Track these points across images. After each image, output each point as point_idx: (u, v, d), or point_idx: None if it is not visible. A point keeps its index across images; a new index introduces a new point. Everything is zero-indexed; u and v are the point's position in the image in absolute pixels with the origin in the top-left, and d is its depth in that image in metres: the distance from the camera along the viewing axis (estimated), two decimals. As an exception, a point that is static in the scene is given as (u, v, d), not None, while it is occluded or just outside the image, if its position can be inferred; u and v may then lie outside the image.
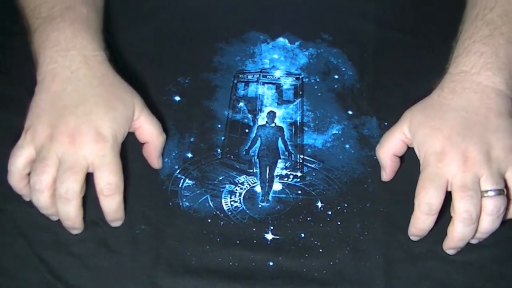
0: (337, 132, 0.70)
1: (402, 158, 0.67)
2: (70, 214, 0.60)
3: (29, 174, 0.61)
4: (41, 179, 0.59)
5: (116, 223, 0.62)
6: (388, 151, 0.65)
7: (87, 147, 0.60)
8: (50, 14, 0.67)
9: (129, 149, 0.68)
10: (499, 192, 0.59)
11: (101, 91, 0.64)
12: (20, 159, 0.61)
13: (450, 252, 0.61)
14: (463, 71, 0.65)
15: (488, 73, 0.64)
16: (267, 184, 0.66)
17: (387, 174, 0.66)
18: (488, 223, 0.59)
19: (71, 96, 0.63)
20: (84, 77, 0.64)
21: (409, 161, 0.67)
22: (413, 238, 0.62)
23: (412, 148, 0.65)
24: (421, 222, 0.60)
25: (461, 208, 0.58)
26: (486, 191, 0.58)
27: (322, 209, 0.65)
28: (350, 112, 0.72)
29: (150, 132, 0.66)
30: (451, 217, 0.59)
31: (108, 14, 0.74)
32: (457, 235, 0.59)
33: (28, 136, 0.61)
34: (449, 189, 0.60)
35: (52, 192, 0.60)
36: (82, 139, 0.60)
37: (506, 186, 0.60)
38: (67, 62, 0.64)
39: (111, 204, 0.61)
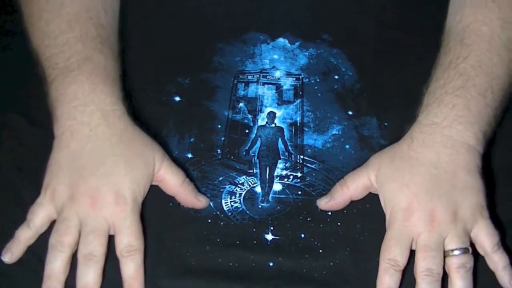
0: (337, 132, 0.70)
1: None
2: (90, 279, 0.58)
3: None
4: (63, 240, 0.59)
5: None
6: (347, 193, 0.64)
7: (108, 210, 0.60)
8: (67, 65, 0.65)
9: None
10: (464, 250, 0.59)
11: (121, 149, 0.62)
12: (40, 217, 0.61)
13: None
14: (434, 122, 0.64)
15: (460, 127, 0.63)
16: (267, 185, 0.66)
17: (327, 205, 0.64)
18: (459, 280, 0.58)
19: (90, 155, 0.62)
20: (103, 134, 0.62)
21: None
22: None
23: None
24: (387, 279, 0.59)
25: (422, 267, 0.58)
26: (452, 250, 0.59)
27: (322, 209, 0.65)
28: (350, 113, 0.72)
29: (172, 183, 0.64)
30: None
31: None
32: None
33: (48, 195, 0.61)
34: (413, 247, 0.60)
35: (70, 255, 0.59)
36: (103, 202, 0.60)
37: (471, 243, 0.60)
38: (86, 119, 0.63)
39: (130, 266, 0.59)
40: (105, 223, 0.60)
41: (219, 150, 0.69)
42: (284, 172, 0.67)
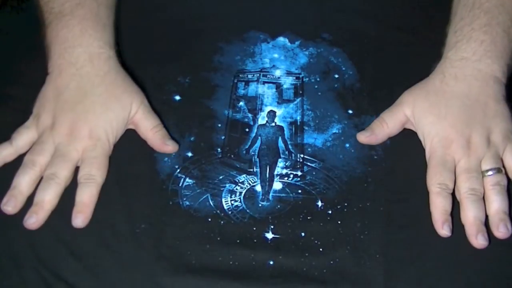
0: (337, 131, 0.70)
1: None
2: (45, 197, 0.63)
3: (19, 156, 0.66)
4: (36, 159, 0.65)
5: (78, 219, 0.62)
6: (386, 130, 0.69)
7: (80, 142, 0.65)
8: (61, 10, 0.71)
9: (129, 149, 0.68)
10: (498, 170, 0.65)
11: (101, 91, 0.68)
12: (23, 137, 0.67)
13: (481, 241, 0.61)
14: (464, 57, 0.69)
15: (488, 61, 0.69)
16: (267, 183, 0.66)
17: (367, 139, 0.69)
18: (495, 195, 0.63)
19: (73, 92, 0.67)
20: (87, 74, 0.68)
21: (409, 161, 0.68)
22: (444, 231, 0.62)
23: (412, 150, 0.68)
24: (442, 204, 0.63)
25: (467, 187, 0.64)
26: (487, 171, 0.65)
27: (322, 208, 0.64)
28: (350, 111, 0.72)
29: (144, 128, 0.68)
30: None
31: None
32: (471, 215, 0.62)
33: (34, 121, 0.67)
34: None
35: (39, 175, 0.64)
36: (78, 134, 0.65)
37: (504, 166, 0.66)
38: (73, 59, 0.69)
39: (84, 192, 0.63)
40: (75, 153, 0.65)
41: (219, 149, 0.69)
42: (284, 171, 0.67)
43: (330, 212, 0.64)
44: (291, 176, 0.67)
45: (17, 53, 0.77)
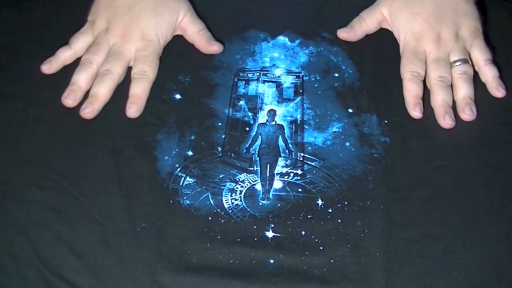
0: (337, 130, 0.70)
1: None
2: (100, 89, 0.70)
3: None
4: (92, 57, 0.72)
5: (132, 109, 0.69)
6: (364, 27, 0.77)
7: (133, 43, 0.73)
8: None
9: (130, 149, 0.68)
10: (465, 61, 0.72)
11: None
12: (80, 41, 0.74)
13: (448, 121, 0.69)
14: None
15: None
16: (267, 182, 0.67)
17: (346, 35, 0.77)
18: (462, 83, 0.71)
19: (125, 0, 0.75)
20: None
21: (408, 160, 0.68)
22: (416, 112, 0.70)
23: (412, 149, 0.68)
24: (414, 89, 0.71)
25: (436, 75, 0.71)
26: (455, 62, 0.72)
27: (322, 207, 0.64)
28: (350, 110, 0.72)
29: (191, 31, 0.76)
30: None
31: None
32: (439, 98, 0.70)
33: (89, 26, 0.75)
34: None
35: (95, 72, 0.71)
36: (131, 36, 0.73)
37: (470, 59, 0.73)
38: None
39: (138, 85, 0.71)
40: (128, 53, 0.73)
41: (219, 148, 0.69)
42: (284, 170, 0.68)
43: (330, 210, 0.64)
44: (292, 174, 0.67)
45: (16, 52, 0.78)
